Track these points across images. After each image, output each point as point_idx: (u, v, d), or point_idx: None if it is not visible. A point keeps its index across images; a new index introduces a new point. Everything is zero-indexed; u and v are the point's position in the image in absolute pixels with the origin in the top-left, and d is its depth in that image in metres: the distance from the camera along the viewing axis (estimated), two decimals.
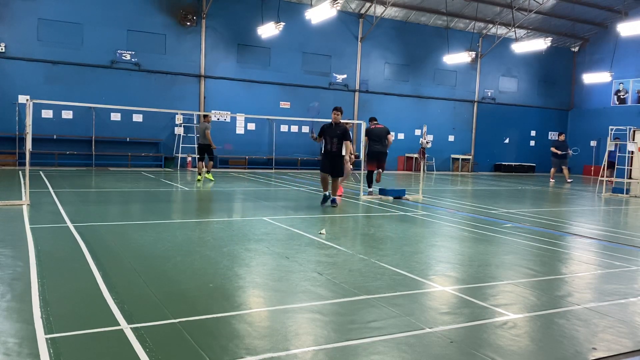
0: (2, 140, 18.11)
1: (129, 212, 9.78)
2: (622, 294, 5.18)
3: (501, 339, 3.86)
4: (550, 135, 29.45)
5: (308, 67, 22.99)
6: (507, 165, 27.82)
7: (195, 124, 21.00)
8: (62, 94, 17.71)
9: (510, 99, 28.21)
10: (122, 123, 19.78)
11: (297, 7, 21.78)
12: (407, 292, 4.96)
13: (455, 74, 26.43)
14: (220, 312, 4.16)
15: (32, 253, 5.75)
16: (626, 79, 26.38)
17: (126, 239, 6.93)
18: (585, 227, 9.65)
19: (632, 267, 6.39)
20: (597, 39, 27.96)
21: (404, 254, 6.50)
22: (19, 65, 18.16)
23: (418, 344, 3.70)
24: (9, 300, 4.23)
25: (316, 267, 5.68)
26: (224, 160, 21.47)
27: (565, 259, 6.94)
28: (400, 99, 25.06)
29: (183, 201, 11.78)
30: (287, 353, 3.43)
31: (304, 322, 4.09)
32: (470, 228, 8.85)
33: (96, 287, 4.65)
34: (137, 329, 3.70)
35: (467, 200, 13.31)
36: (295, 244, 7.09)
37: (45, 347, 3.34)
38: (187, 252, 6.18)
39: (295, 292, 4.84)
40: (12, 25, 17.95)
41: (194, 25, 20.48)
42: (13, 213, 8.34)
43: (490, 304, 4.67)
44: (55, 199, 10.17)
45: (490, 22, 25.63)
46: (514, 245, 7.51)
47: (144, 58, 19.91)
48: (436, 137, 25.18)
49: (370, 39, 24.04)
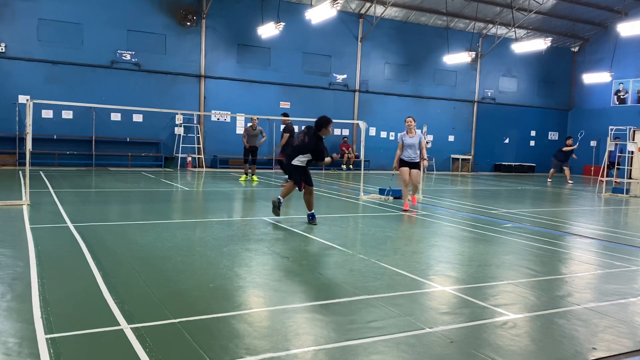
0: (2, 140, 18.11)
1: (129, 212, 9.78)
2: (622, 294, 5.18)
3: (501, 339, 3.86)
4: (550, 135, 29.48)
5: (308, 67, 22.99)
6: (507, 165, 27.82)
7: (196, 123, 21.02)
8: (62, 94, 17.71)
9: (510, 99, 28.21)
10: (122, 123, 19.78)
11: (297, 7, 21.78)
12: (407, 292, 4.95)
13: (455, 74, 26.43)
14: (220, 312, 4.15)
15: (32, 253, 5.75)
16: (626, 79, 26.38)
17: (126, 239, 6.93)
18: (585, 227, 9.64)
19: (632, 267, 6.39)
20: (597, 39, 27.96)
21: (404, 254, 6.50)
22: (19, 65, 18.16)
23: (418, 344, 3.70)
24: (9, 300, 4.23)
25: (316, 267, 5.68)
26: (224, 160, 21.47)
27: (565, 259, 6.94)
28: (400, 99, 25.06)
29: (183, 201, 11.78)
30: (287, 353, 3.43)
31: (304, 322, 4.09)
32: (470, 228, 8.85)
33: (96, 287, 4.65)
34: (137, 329, 3.70)
35: (467, 200, 13.30)
36: (295, 244, 7.10)
37: (45, 347, 3.34)
38: (187, 252, 6.18)
39: (295, 292, 4.84)
40: (12, 25, 17.95)
41: (194, 25, 20.48)
42: (13, 213, 8.34)
43: (490, 304, 4.67)
44: (55, 199, 10.17)
45: (490, 22, 25.63)
46: (514, 245, 7.51)
47: (144, 58, 19.91)
48: (436, 137, 25.19)
49: (370, 39, 24.03)
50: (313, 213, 8.49)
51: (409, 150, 10.53)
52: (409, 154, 10.57)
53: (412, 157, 10.57)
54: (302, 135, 8.82)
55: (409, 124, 10.61)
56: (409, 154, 10.57)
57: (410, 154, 10.56)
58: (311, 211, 8.49)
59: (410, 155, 10.57)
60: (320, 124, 8.41)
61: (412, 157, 10.57)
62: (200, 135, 21.11)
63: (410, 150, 10.53)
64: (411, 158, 10.57)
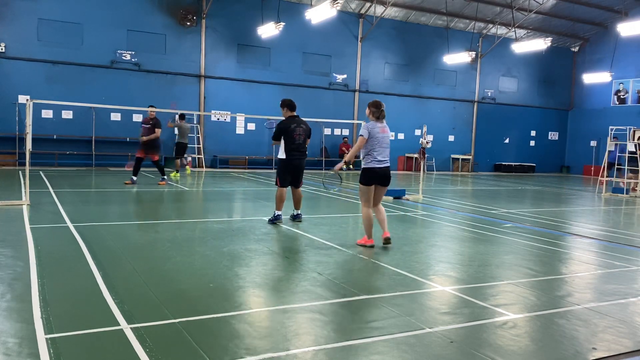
0: (2, 140, 18.11)
1: (129, 212, 9.77)
2: (622, 294, 5.18)
3: (501, 339, 3.86)
4: (550, 135, 29.48)
5: (308, 67, 22.99)
6: (507, 165, 27.82)
7: (196, 123, 21.01)
8: (62, 94, 17.70)
9: (510, 99, 28.21)
10: (122, 123, 19.77)
11: (297, 7, 21.78)
12: (407, 292, 4.95)
13: (455, 74, 26.43)
14: (220, 312, 4.15)
15: (32, 253, 5.75)
16: (626, 79, 26.38)
17: (126, 239, 6.93)
18: (585, 227, 9.64)
19: (632, 267, 6.39)
20: (597, 39, 27.96)
21: (404, 254, 6.50)
22: (19, 65, 18.15)
23: (418, 344, 3.69)
24: (9, 300, 4.23)
25: (316, 267, 5.68)
26: (224, 161, 21.47)
27: (565, 259, 6.94)
28: (400, 99, 25.05)
29: (183, 201, 11.77)
30: (287, 353, 3.43)
31: (304, 322, 4.09)
32: (470, 228, 8.85)
33: (96, 287, 4.65)
34: (137, 329, 3.70)
35: (467, 200, 13.30)
36: (295, 244, 7.10)
37: (45, 347, 3.34)
38: (187, 252, 6.18)
39: (295, 292, 4.84)
40: (12, 25, 17.95)
41: (194, 25, 20.48)
42: (13, 213, 8.34)
43: (490, 304, 4.67)
44: (55, 199, 10.16)
45: (490, 22, 25.63)
46: (514, 245, 7.51)
47: (144, 58, 19.91)
48: (436, 137, 25.17)
49: (370, 39, 24.03)
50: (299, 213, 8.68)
51: (379, 150, 6.78)
52: (379, 155, 6.78)
53: (383, 159, 6.82)
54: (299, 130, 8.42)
55: (377, 107, 6.93)
56: (379, 155, 6.78)
57: (380, 153, 6.79)
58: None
59: (380, 158, 6.79)
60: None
61: (383, 160, 6.81)
62: (200, 135, 21.11)
63: (381, 150, 6.81)
64: (382, 162, 6.79)
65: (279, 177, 8.46)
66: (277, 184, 8.48)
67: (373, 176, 6.81)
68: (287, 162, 8.37)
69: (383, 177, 6.86)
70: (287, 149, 8.33)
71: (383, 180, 6.89)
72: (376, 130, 6.82)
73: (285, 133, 8.31)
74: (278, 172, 8.50)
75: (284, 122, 8.45)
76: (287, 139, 8.31)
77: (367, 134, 6.77)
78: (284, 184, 8.42)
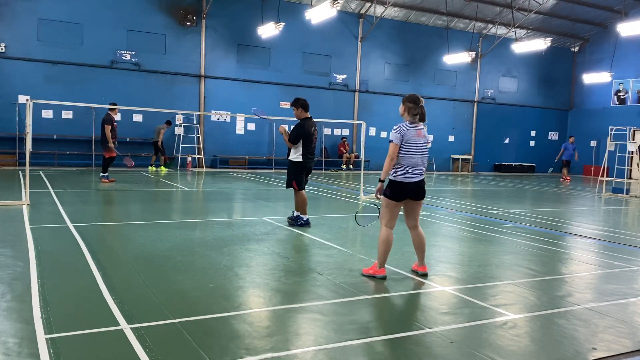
0: (2, 140, 18.10)
1: (129, 212, 9.77)
2: (622, 294, 5.18)
3: (501, 339, 3.86)
4: (550, 135, 29.47)
5: (308, 67, 22.99)
6: (507, 165, 27.82)
7: (196, 123, 21.01)
8: (62, 94, 17.70)
9: (510, 99, 28.21)
10: (122, 123, 19.71)
11: (297, 7, 21.78)
12: (407, 292, 4.96)
13: (455, 74, 26.42)
14: (220, 312, 4.15)
15: (32, 253, 5.75)
16: (626, 79, 26.37)
17: (126, 239, 6.93)
18: (585, 227, 9.64)
19: (632, 267, 6.39)
20: (597, 39, 27.95)
21: (404, 254, 6.50)
22: (19, 65, 18.14)
23: (418, 344, 3.70)
24: (9, 300, 4.23)
25: (316, 267, 5.68)
26: (224, 161, 21.47)
27: (565, 259, 6.95)
28: (400, 99, 24.89)
29: (183, 201, 11.77)
30: (287, 353, 3.43)
31: (304, 322, 4.09)
32: (470, 228, 8.85)
33: (96, 287, 4.65)
34: (137, 329, 3.70)
35: (467, 200, 13.30)
36: (295, 244, 7.10)
37: (45, 347, 3.34)
38: (187, 252, 6.18)
39: (295, 292, 4.84)
40: (12, 25, 17.94)
41: (194, 25, 20.47)
42: (13, 213, 8.34)
43: (490, 304, 4.67)
44: (55, 199, 10.16)
45: (490, 22, 25.63)
46: (514, 245, 7.51)
47: (144, 58, 19.90)
48: (436, 137, 25.17)
49: (370, 39, 24.03)
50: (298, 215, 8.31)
51: (415, 159, 5.40)
52: (414, 164, 5.40)
53: (418, 172, 5.45)
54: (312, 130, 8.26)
55: (414, 102, 5.57)
56: (414, 164, 5.40)
57: (416, 164, 5.42)
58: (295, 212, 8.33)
59: (415, 170, 5.42)
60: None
61: (418, 173, 5.45)
62: (200, 135, 21.11)
63: (417, 158, 5.41)
64: (416, 175, 5.43)
65: (295, 180, 8.15)
66: (294, 187, 8.17)
67: (404, 190, 5.39)
68: (302, 165, 8.18)
69: (416, 191, 5.43)
70: (304, 152, 8.15)
71: (417, 194, 5.46)
72: (411, 133, 5.36)
73: (305, 137, 8.12)
74: (294, 176, 8.19)
75: (303, 126, 8.14)
76: (306, 142, 8.13)
77: (398, 139, 5.32)
78: (302, 187, 8.22)
